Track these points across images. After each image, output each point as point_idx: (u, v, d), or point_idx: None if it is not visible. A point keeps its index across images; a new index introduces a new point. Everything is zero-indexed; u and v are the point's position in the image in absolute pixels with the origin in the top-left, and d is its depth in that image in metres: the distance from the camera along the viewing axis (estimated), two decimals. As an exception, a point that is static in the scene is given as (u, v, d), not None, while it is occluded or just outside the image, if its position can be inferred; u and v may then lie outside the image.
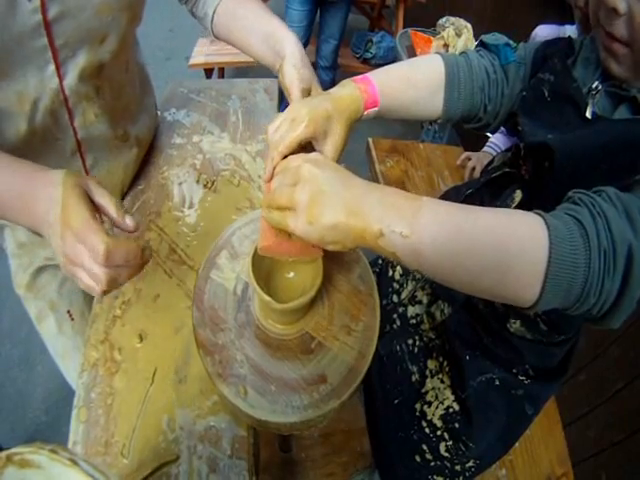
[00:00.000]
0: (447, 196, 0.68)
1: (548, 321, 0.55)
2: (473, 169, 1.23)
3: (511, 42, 0.57)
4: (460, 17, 1.72)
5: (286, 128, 0.46)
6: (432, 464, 0.66)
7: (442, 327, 0.64)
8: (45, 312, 0.80)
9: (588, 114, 0.47)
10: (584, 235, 0.35)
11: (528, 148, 0.51)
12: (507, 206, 0.54)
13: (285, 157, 0.46)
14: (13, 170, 0.46)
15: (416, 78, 0.56)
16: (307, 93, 0.56)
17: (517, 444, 0.86)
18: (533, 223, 0.36)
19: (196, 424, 0.57)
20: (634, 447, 1.06)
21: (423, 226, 0.35)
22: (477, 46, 0.60)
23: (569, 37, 0.54)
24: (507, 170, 0.56)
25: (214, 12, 0.68)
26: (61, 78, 0.58)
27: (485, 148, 1.26)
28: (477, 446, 0.64)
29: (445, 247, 0.35)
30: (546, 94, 0.51)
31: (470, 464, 0.65)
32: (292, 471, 1.18)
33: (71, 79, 0.59)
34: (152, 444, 0.55)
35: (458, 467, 0.65)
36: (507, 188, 0.55)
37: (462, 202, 0.61)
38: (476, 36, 1.67)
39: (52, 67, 0.56)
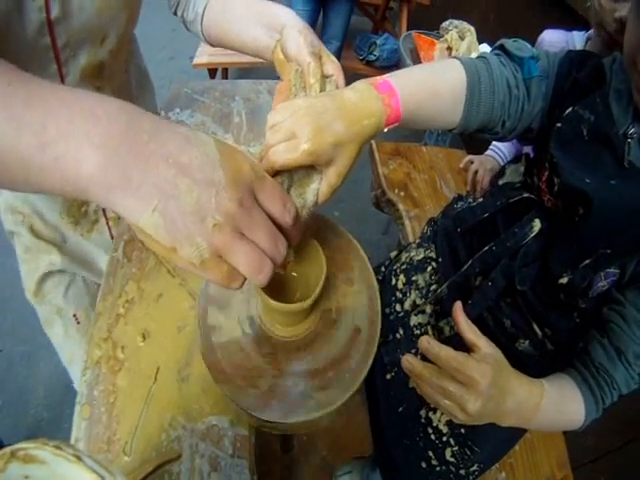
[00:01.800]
0: (461, 217, 0.64)
1: (555, 341, 0.55)
2: (476, 172, 1.23)
3: (535, 53, 0.51)
4: (463, 20, 1.73)
5: (284, 140, 0.40)
6: (438, 470, 0.65)
7: (449, 341, 0.64)
8: (52, 317, 0.81)
9: (626, 163, 0.45)
10: (603, 408, 0.52)
11: (563, 187, 0.49)
12: (525, 235, 0.52)
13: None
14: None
15: (441, 88, 0.50)
16: (318, 58, 0.50)
17: (517, 447, 0.86)
18: (580, 412, 0.52)
19: (198, 423, 0.57)
20: (631, 454, 1.06)
21: (533, 421, 0.51)
22: (495, 49, 0.55)
23: (600, 63, 0.50)
24: (526, 196, 0.54)
25: (204, 10, 0.65)
26: (63, 78, 0.58)
27: (488, 152, 1.27)
28: (482, 450, 0.64)
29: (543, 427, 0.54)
30: (584, 133, 0.48)
31: (474, 468, 0.65)
32: (292, 472, 1.18)
33: (73, 79, 0.59)
34: (154, 442, 0.55)
35: (463, 471, 0.65)
36: (525, 214, 0.53)
37: (477, 224, 0.60)
38: (479, 39, 1.67)
39: (54, 67, 0.56)
